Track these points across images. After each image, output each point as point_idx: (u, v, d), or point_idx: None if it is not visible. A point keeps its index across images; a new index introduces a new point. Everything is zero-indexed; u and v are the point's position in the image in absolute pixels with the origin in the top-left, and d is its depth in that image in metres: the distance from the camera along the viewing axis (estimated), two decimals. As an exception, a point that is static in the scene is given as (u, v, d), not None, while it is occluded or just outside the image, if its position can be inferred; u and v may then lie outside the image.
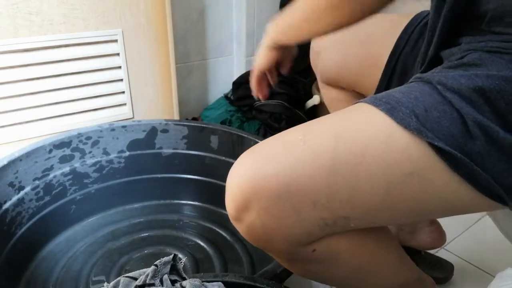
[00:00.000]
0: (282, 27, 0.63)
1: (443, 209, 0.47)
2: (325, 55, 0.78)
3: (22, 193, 0.87)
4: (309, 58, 0.84)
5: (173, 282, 0.48)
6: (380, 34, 0.72)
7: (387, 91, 0.47)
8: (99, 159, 0.99)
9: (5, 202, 0.83)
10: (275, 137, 0.48)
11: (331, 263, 0.50)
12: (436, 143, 0.41)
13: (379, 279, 0.56)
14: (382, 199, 0.44)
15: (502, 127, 0.41)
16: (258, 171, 0.44)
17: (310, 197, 0.43)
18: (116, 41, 1.02)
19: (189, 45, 1.37)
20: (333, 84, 0.81)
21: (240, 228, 0.47)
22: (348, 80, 0.77)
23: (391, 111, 0.43)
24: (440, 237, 0.86)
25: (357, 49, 0.74)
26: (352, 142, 0.43)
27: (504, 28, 0.44)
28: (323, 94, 0.86)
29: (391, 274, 0.57)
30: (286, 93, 1.31)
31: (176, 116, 1.19)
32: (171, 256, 0.49)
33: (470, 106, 0.41)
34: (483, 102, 0.41)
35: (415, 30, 0.67)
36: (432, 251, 0.93)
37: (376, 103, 0.45)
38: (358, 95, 0.77)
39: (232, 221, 0.48)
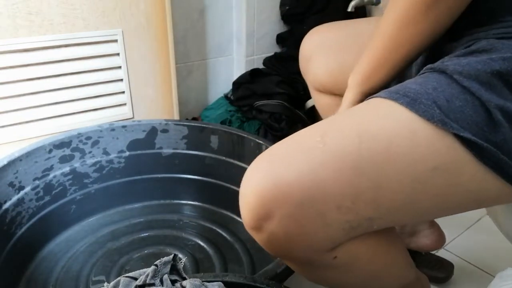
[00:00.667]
0: (364, 72, 0.55)
1: (468, 202, 0.46)
2: (317, 62, 0.75)
3: (22, 193, 0.87)
4: None
5: (173, 282, 0.48)
6: None
7: (401, 83, 0.46)
8: (99, 159, 0.99)
9: (5, 202, 0.83)
10: (291, 139, 0.45)
11: (348, 269, 0.49)
12: (462, 134, 0.40)
13: (388, 281, 0.56)
14: (407, 197, 0.43)
15: None
16: (278, 177, 0.41)
17: (334, 200, 0.42)
18: (116, 41, 1.02)
19: (189, 45, 1.37)
20: (326, 91, 0.77)
21: (259, 237, 0.45)
22: (344, 87, 0.74)
23: (412, 104, 0.42)
24: (439, 239, 0.86)
25: (354, 55, 0.69)
26: (375, 140, 0.42)
27: (505, 16, 0.44)
28: (315, 100, 0.83)
29: (398, 276, 0.57)
30: (286, 93, 1.31)
31: (176, 116, 1.18)
32: (171, 256, 0.49)
33: (490, 91, 0.41)
34: (502, 85, 0.41)
35: None
36: (432, 251, 0.93)
37: (393, 97, 0.43)
38: None
39: (249, 230, 0.45)
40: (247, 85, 1.36)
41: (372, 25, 0.73)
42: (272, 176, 0.42)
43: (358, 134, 0.42)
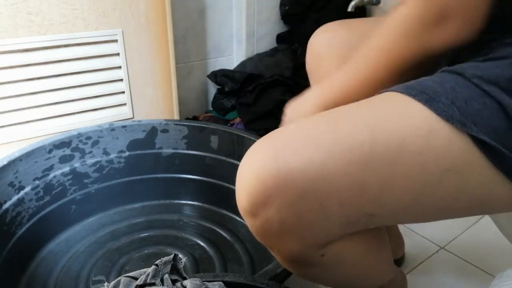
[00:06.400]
0: (336, 92, 0.52)
1: (473, 208, 0.44)
2: (329, 62, 0.72)
3: (22, 193, 0.87)
4: None
5: (173, 281, 0.48)
6: None
7: (418, 79, 0.44)
8: (99, 159, 0.99)
9: (5, 202, 0.83)
10: (298, 124, 0.43)
11: (334, 267, 0.48)
12: (480, 137, 0.38)
13: (373, 280, 0.55)
14: (413, 198, 0.41)
15: None
16: (282, 163, 0.39)
17: (338, 194, 0.40)
18: (116, 41, 1.02)
19: (189, 45, 1.37)
20: None
21: (253, 223, 0.43)
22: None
23: (430, 102, 0.40)
24: (400, 246, 0.88)
25: None
26: (389, 136, 0.40)
27: None
28: None
29: (381, 275, 0.57)
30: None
31: (176, 116, 1.19)
32: (172, 256, 0.49)
33: (511, 97, 0.39)
34: None
35: None
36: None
37: (410, 93, 0.42)
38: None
39: (243, 214, 0.43)
40: (252, 108, 1.30)
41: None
42: (276, 161, 0.39)
43: (371, 127, 0.40)
